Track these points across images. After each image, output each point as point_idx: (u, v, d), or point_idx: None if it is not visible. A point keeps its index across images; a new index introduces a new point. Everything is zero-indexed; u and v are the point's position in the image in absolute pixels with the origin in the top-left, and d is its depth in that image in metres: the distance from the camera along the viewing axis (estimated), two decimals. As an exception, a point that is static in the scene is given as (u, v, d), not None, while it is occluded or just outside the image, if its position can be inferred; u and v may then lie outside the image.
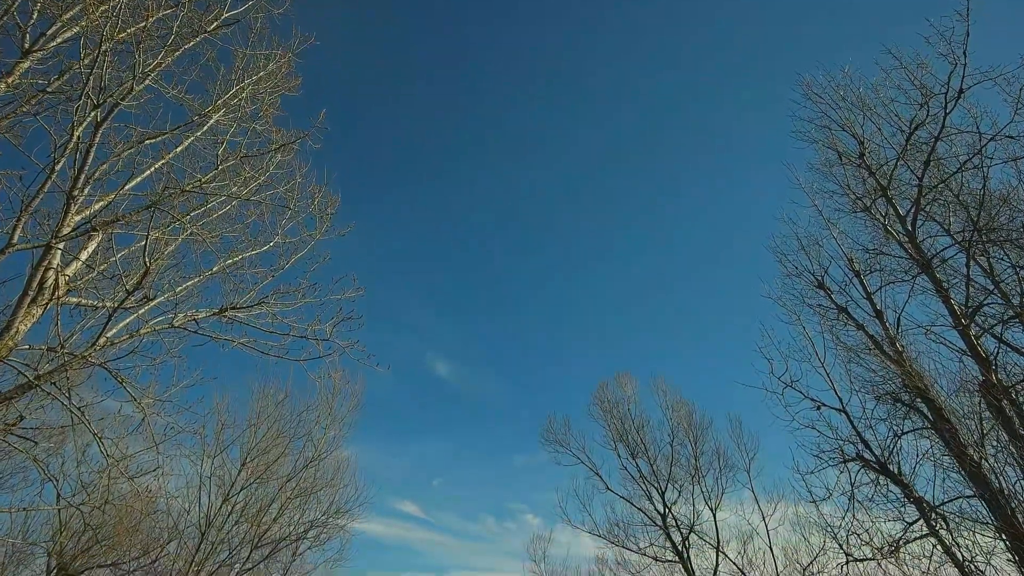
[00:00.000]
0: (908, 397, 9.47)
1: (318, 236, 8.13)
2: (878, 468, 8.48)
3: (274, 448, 15.85)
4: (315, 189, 8.25)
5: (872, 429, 8.98)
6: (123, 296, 6.55)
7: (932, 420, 8.98)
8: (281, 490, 15.63)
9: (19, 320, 6.25)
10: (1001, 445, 7.86)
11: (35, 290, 6.47)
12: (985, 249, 9.23)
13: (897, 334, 9.60)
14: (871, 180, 11.04)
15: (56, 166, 5.67)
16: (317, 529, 16.41)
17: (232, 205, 8.29)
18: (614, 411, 17.41)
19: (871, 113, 10.72)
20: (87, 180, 6.72)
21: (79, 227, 6.52)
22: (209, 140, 7.80)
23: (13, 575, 13.01)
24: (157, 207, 6.06)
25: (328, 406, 17.26)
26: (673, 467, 15.80)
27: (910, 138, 9.62)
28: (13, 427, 6.66)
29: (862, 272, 10.90)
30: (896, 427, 9.19)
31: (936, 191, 9.94)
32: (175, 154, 7.60)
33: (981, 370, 8.15)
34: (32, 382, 5.91)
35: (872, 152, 11.12)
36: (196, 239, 7.42)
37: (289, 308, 7.36)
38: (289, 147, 7.82)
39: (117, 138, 6.84)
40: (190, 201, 7.26)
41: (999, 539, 7.13)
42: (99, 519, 12.12)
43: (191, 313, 7.05)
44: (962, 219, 9.88)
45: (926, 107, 9.31)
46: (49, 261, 6.54)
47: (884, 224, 10.84)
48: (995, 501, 7.36)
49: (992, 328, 9.10)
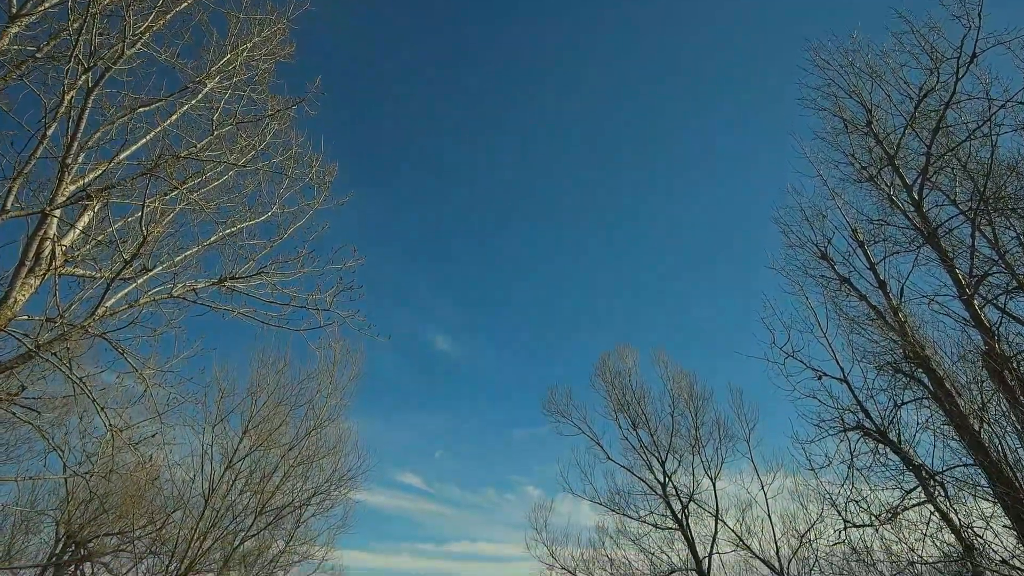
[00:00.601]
0: (909, 367, 9.47)
1: (317, 205, 8.04)
2: (878, 437, 8.52)
3: (275, 416, 15.97)
4: (312, 157, 8.12)
5: (873, 399, 9.01)
6: (121, 266, 6.49)
7: (932, 390, 9.00)
8: (284, 458, 15.79)
9: (16, 290, 6.20)
10: (1001, 413, 7.89)
11: (32, 260, 6.41)
12: (991, 219, 9.12)
13: (900, 304, 9.56)
14: (878, 149, 10.87)
15: (48, 131, 5.55)
16: (320, 496, 16.66)
17: (229, 175, 8.17)
18: (615, 382, 17.52)
19: (880, 80, 10.50)
20: (81, 148, 6.60)
21: (74, 196, 6.42)
22: (204, 108, 7.64)
23: (23, 543, 13.23)
24: (153, 174, 5.95)
25: (329, 375, 17.34)
26: (674, 437, 15.98)
27: (919, 105, 9.43)
28: (16, 397, 6.67)
29: (866, 242, 10.82)
30: (896, 397, 9.21)
31: (944, 160, 9.79)
32: (171, 122, 7.45)
33: (984, 340, 8.12)
34: (32, 351, 5.88)
35: (880, 120, 10.92)
36: (194, 208, 7.32)
37: (289, 278, 7.31)
38: (285, 113, 7.66)
39: (110, 105, 6.68)
40: (186, 169, 7.14)
41: (997, 505, 7.20)
42: (105, 488, 12.26)
43: (190, 283, 7.00)
44: (968, 189, 9.76)
45: (936, 73, 9.11)
46: (45, 231, 6.46)
47: (889, 194, 10.71)
48: (994, 468, 7.41)
49: (996, 299, 9.06)
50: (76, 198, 6.06)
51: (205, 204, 7.30)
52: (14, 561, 12.50)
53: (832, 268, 10.98)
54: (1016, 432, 7.24)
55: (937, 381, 8.82)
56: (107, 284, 6.24)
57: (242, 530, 14.92)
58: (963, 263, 9.11)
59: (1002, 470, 7.36)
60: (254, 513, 15.04)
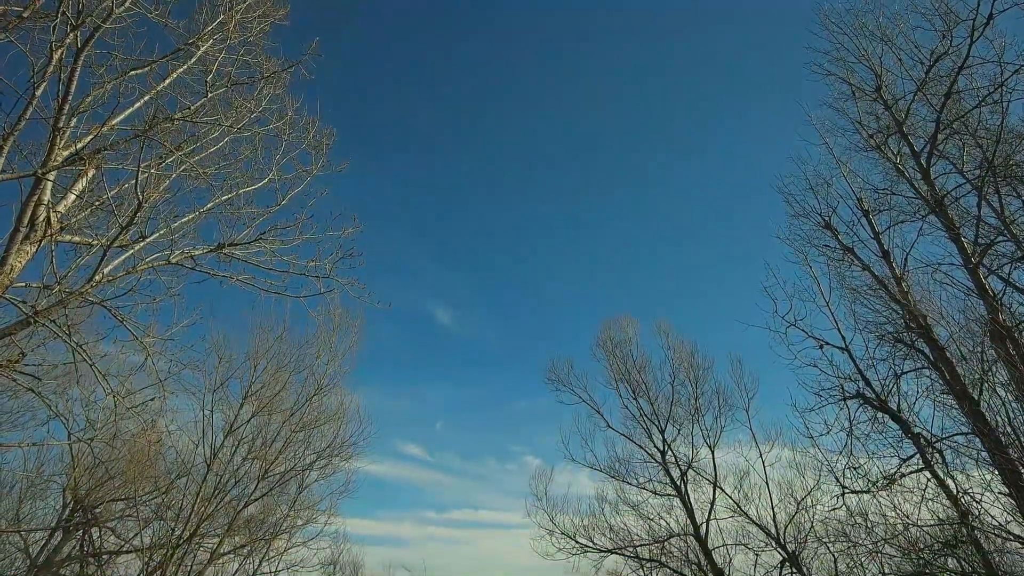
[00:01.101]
0: (910, 337, 9.47)
1: (314, 171, 7.91)
2: (878, 405, 8.56)
3: (275, 382, 16.06)
4: (308, 122, 7.97)
5: (874, 368, 9.04)
6: (117, 232, 6.41)
7: (933, 360, 9.01)
8: (285, 424, 15.93)
9: (13, 256, 6.13)
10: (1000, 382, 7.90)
11: (27, 227, 6.32)
12: (997, 189, 9.01)
13: (904, 273, 9.50)
14: (886, 116, 10.69)
15: (37, 91, 5.41)
16: (323, 461, 16.86)
17: (225, 142, 8.03)
18: (616, 351, 17.56)
19: (891, 44, 10.25)
20: (72, 112, 6.46)
21: (68, 160, 6.30)
22: (198, 70, 7.45)
23: (31, 508, 13.47)
24: (147, 137, 5.82)
25: (328, 342, 17.34)
26: (674, 406, 16.07)
27: (930, 70, 9.21)
28: (16, 364, 6.65)
29: (871, 212, 10.71)
30: (896, 367, 9.23)
31: (952, 128, 9.62)
32: (164, 86, 7.28)
33: (988, 309, 8.09)
34: (31, 318, 5.84)
35: (888, 86, 10.70)
36: (190, 174, 7.21)
37: (287, 245, 7.24)
38: (281, 76, 7.49)
39: (100, 65, 6.50)
40: (181, 133, 7.00)
41: (994, 473, 7.25)
42: (110, 455, 12.40)
43: (188, 250, 6.93)
44: (976, 158, 9.61)
45: (950, 36, 8.87)
46: (39, 196, 6.36)
47: (896, 162, 10.57)
48: (992, 437, 7.45)
49: (1000, 268, 9.01)
50: (69, 162, 5.94)
51: (201, 170, 7.18)
52: (23, 525, 12.73)
53: (836, 238, 10.90)
54: (1017, 401, 7.26)
55: (938, 350, 8.82)
56: (103, 251, 6.17)
57: (245, 496, 15.16)
58: (968, 233, 9.03)
59: (999, 439, 7.42)
60: (257, 479, 15.25)
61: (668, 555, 15.00)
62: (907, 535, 8.22)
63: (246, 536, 15.42)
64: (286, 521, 16.40)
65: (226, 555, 15.31)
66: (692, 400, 16.09)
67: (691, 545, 14.83)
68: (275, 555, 16.87)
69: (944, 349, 8.84)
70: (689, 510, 14.83)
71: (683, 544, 14.99)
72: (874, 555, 8.98)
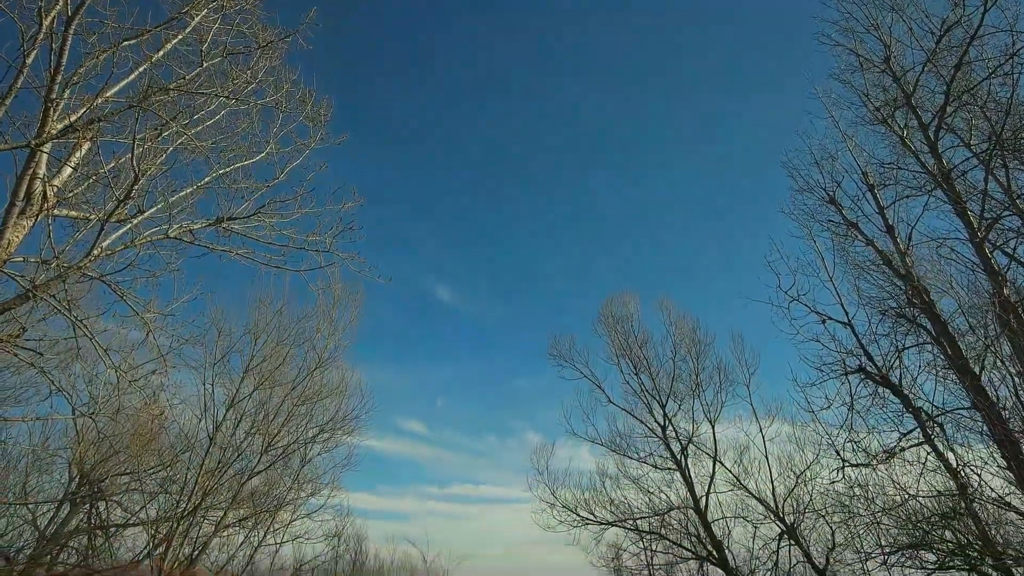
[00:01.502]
0: (912, 312, 9.45)
1: (313, 144, 7.79)
2: (879, 380, 8.58)
3: (275, 356, 16.12)
4: (305, 94, 7.82)
5: (876, 343, 9.03)
6: (114, 205, 6.34)
7: (935, 335, 9.00)
8: (287, 397, 16.03)
9: (10, 230, 6.07)
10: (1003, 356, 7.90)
11: (23, 201, 6.25)
12: (1005, 163, 8.89)
13: (908, 248, 9.43)
14: (894, 87, 10.50)
15: (27, 59, 5.28)
16: (326, 435, 17.02)
17: (222, 114, 7.90)
18: (618, 327, 17.59)
19: (901, 13, 10.00)
20: (66, 83, 6.33)
21: (62, 132, 6.20)
22: (193, 39, 7.28)
23: (38, 482, 13.63)
24: (142, 107, 5.71)
25: (328, 316, 17.38)
26: (675, 382, 16.14)
27: (941, 39, 9.01)
28: (17, 339, 6.64)
29: (876, 186, 10.60)
30: (899, 342, 9.23)
31: (961, 101, 9.45)
32: (158, 57, 7.12)
33: (992, 284, 8.05)
34: (30, 292, 5.81)
35: (897, 58, 10.50)
36: (186, 147, 7.09)
37: (287, 219, 7.17)
38: (277, 46, 7.31)
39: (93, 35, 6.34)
40: (176, 105, 6.87)
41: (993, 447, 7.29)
42: (114, 429, 12.50)
43: (186, 224, 6.86)
44: (985, 131, 9.47)
45: (962, 4, 8.66)
46: (35, 170, 6.27)
47: (902, 136, 10.41)
48: (992, 410, 7.47)
49: (1006, 244, 8.94)
50: (64, 133, 5.83)
51: (198, 143, 7.06)
52: (30, 499, 12.88)
53: (840, 212, 10.82)
54: (1019, 376, 7.26)
55: (941, 325, 8.80)
56: (101, 224, 6.10)
57: (249, 469, 15.34)
58: (974, 207, 8.94)
59: (999, 412, 7.44)
60: (260, 452, 15.41)
61: (668, 528, 15.24)
62: (905, 508, 8.30)
63: (250, 508, 15.63)
64: (289, 494, 16.64)
65: (231, 527, 15.56)
66: (693, 375, 16.17)
67: (691, 518, 15.06)
68: (280, 527, 17.16)
69: (947, 324, 8.82)
70: (689, 484, 15.00)
71: (683, 517, 15.23)
72: (872, 527, 9.09)
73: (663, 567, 16.63)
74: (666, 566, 16.43)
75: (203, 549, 15.34)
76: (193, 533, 14.85)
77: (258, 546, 17.02)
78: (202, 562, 15.73)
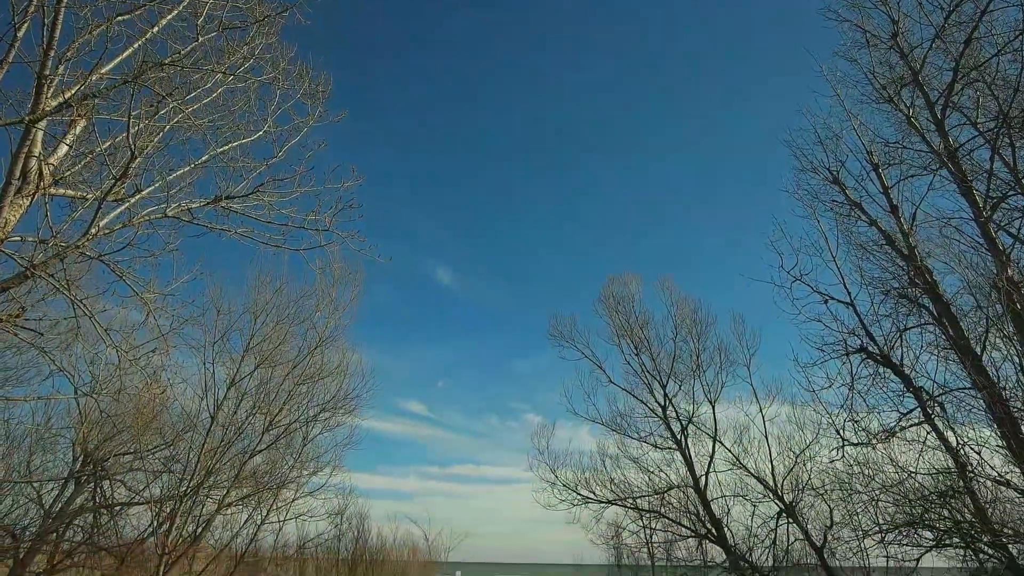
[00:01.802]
0: (914, 293, 9.43)
1: (311, 121, 7.69)
2: (881, 360, 8.58)
3: (275, 335, 16.15)
4: (303, 70, 7.70)
5: (878, 323, 9.02)
6: (111, 184, 6.27)
7: (937, 315, 8.99)
8: (287, 376, 16.09)
9: (6, 210, 6.01)
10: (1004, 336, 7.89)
11: (19, 180, 6.19)
12: (1012, 142, 8.80)
13: (912, 228, 9.37)
14: (900, 65, 10.34)
15: (19, 31, 5.18)
16: (327, 414, 17.12)
17: (219, 92, 7.79)
18: (619, 307, 17.54)
19: (910, -13, 9.81)
20: (59, 58, 6.23)
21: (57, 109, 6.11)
22: (188, 13, 7.14)
23: (42, 461, 13.76)
24: (138, 83, 5.61)
25: (328, 295, 17.34)
26: (675, 362, 16.15)
27: (951, 15, 8.84)
28: (17, 319, 6.62)
29: (880, 165, 10.50)
30: (900, 322, 9.22)
31: (970, 77, 9.31)
32: (153, 33, 7.00)
33: (996, 264, 8.01)
34: (28, 270, 5.77)
35: (905, 35, 10.32)
36: (183, 125, 7.00)
37: (286, 198, 7.10)
38: (274, 21, 7.17)
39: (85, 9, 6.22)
40: (172, 82, 6.77)
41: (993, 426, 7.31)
42: (116, 409, 12.57)
43: (184, 203, 6.80)
44: (992, 110, 9.35)
45: (973, -23, 8.49)
46: (30, 148, 6.20)
47: (908, 115, 10.28)
48: (992, 390, 7.48)
49: (1010, 224, 8.89)
50: (59, 110, 5.75)
51: (195, 121, 6.97)
52: (34, 477, 13.01)
53: (844, 192, 10.74)
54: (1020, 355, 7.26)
55: (943, 306, 8.78)
56: (98, 203, 6.04)
57: (251, 448, 15.46)
58: (980, 187, 8.87)
59: (999, 392, 7.45)
60: (261, 431, 15.52)
61: (667, 506, 15.37)
62: (903, 487, 8.36)
63: (253, 487, 15.79)
64: (292, 472, 16.79)
65: (234, 505, 15.72)
66: (694, 356, 16.18)
67: (690, 497, 15.19)
68: (283, 505, 17.36)
69: (949, 304, 8.80)
70: (689, 463, 15.11)
71: (682, 496, 15.35)
72: (870, 505, 9.17)
73: (662, 545, 16.84)
74: (665, 544, 16.61)
75: (207, 527, 15.54)
76: (197, 511, 15.03)
77: (261, 524, 17.24)
78: (206, 540, 15.95)
